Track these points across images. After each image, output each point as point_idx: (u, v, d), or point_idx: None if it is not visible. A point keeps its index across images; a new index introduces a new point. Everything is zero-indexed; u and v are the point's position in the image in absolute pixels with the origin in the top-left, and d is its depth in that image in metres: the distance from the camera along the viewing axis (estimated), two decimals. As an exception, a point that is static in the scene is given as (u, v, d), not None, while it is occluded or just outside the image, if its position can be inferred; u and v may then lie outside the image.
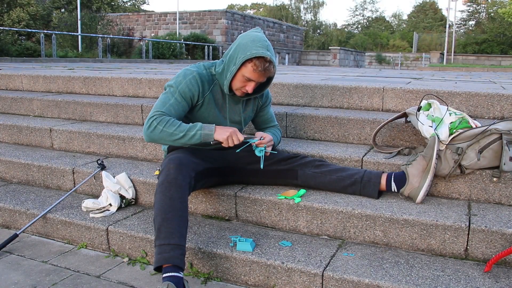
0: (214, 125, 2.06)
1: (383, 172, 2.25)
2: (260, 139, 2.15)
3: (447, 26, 29.63)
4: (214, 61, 2.25)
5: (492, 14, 37.36)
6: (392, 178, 2.18)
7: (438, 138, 2.16)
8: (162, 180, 1.95)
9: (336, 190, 2.26)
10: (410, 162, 2.18)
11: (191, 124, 2.05)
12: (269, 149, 2.19)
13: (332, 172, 2.24)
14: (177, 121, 2.05)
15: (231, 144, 2.05)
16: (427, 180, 2.10)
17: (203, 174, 2.16)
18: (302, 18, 50.49)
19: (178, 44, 18.62)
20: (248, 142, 2.14)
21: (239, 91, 2.13)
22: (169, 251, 1.79)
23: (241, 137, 2.06)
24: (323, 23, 53.04)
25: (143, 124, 3.36)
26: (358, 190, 2.20)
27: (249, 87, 2.09)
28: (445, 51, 26.41)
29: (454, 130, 2.16)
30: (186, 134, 2.01)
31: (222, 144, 2.05)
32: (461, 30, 44.59)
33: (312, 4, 50.46)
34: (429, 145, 2.14)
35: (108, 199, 2.46)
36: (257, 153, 2.16)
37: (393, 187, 2.18)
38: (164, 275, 1.74)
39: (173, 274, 1.74)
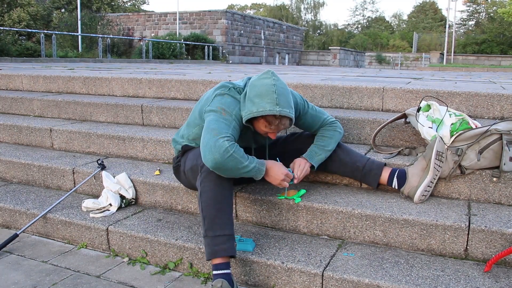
0: (265, 163, 1.94)
1: (385, 164, 2.26)
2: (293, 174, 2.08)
3: (447, 26, 29.65)
4: (242, 83, 2.07)
5: (492, 14, 37.36)
6: (396, 174, 2.19)
7: (442, 140, 2.15)
8: (210, 170, 1.80)
9: (338, 174, 2.34)
10: (412, 163, 2.19)
11: (250, 157, 1.89)
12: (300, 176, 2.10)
13: (336, 154, 2.23)
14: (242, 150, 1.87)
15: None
16: (426, 180, 2.10)
17: None
18: (302, 18, 50.52)
19: (178, 44, 18.62)
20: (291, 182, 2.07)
21: (262, 132, 2.00)
22: (225, 242, 1.80)
23: (287, 185, 2.00)
24: (323, 23, 53.15)
25: (143, 124, 3.36)
26: (358, 177, 2.26)
27: (271, 135, 2.00)
28: (445, 51, 26.42)
29: (455, 132, 2.16)
30: (246, 165, 1.84)
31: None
32: (461, 30, 44.62)
33: (312, 4, 50.50)
34: (429, 146, 2.15)
35: (108, 199, 2.46)
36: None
37: (395, 183, 2.19)
38: (215, 272, 1.77)
39: (224, 271, 1.77)
